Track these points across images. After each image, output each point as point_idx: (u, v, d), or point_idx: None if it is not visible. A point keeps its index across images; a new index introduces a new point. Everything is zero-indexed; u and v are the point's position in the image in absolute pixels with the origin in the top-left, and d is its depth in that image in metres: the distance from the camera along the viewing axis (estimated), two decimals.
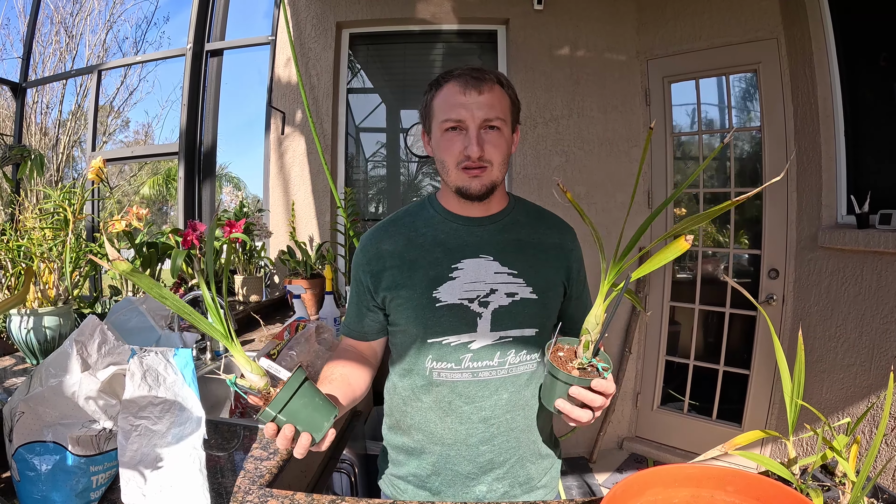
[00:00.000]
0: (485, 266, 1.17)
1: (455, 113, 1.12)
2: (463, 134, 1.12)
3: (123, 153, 5.66)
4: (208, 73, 3.60)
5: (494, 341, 1.15)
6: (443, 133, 1.15)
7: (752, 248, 3.05)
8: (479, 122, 1.11)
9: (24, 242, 1.61)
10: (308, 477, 1.43)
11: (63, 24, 10.95)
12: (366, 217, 3.52)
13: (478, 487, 1.19)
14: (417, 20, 3.35)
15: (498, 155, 1.14)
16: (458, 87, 1.12)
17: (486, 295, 1.15)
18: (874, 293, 2.28)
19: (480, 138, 1.11)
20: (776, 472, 0.79)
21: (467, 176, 1.13)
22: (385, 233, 1.25)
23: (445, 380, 1.16)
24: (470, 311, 1.14)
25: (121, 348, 1.01)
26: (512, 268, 1.18)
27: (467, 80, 1.12)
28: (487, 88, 1.12)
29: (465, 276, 1.16)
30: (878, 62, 2.33)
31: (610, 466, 3.26)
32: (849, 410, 2.38)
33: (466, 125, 1.11)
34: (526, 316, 1.17)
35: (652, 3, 3.18)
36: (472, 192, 1.14)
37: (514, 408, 1.18)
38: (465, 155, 1.12)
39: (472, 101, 1.11)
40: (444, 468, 1.20)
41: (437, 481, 1.21)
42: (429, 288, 1.15)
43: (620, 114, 3.27)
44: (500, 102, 1.14)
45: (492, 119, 1.11)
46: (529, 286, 1.17)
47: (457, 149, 1.13)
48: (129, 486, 0.91)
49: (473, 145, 1.10)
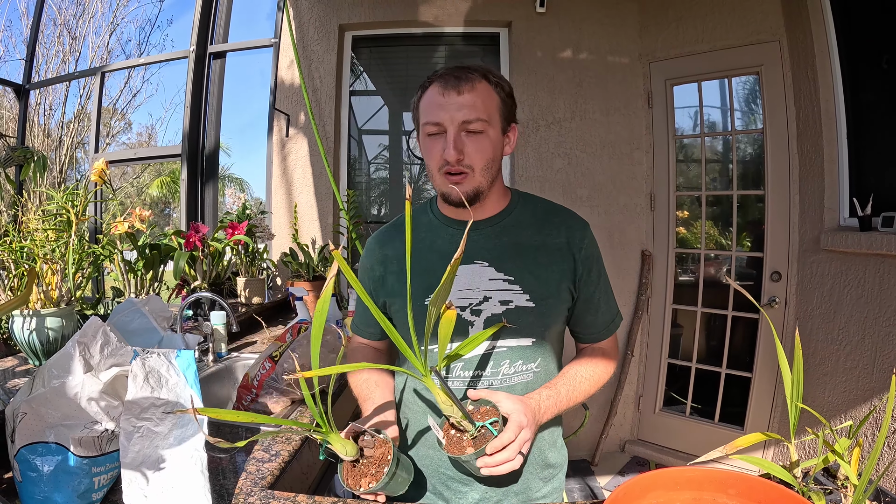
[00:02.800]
0: (479, 273, 1.12)
1: (434, 115, 1.07)
2: (442, 137, 1.07)
3: (126, 155, 5.67)
4: (211, 75, 3.61)
5: (487, 351, 1.11)
6: (425, 137, 1.11)
7: (755, 250, 3.04)
8: (457, 124, 1.05)
9: (26, 244, 1.61)
10: (309, 479, 1.43)
11: (66, 27, 10.99)
12: (368, 219, 3.53)
13: (471, 494, 1.16)
14: (420, 23, 3.36)
15: (480, 159, 1.08)
16: (439, 89, 1.07)
17: (478, 303, 1.11)
18: (877, 296, 2.27)
19: (459, 141, 1.06)
20: (778, 475, 0.79)
21: (448, 181, 1.09)
22: (387, 236, 1.23)
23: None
24: (461, 319, 1.10)
25: (123, 350, 1.02)
26: (508, 274, 1.12)
27: (448, 79, 1.06)
28: (468, 88, 1.06)
29: (457, 284, 1.11)
30: (881, 64, 2.32)
31: (612, 469, 3.25)
32: (851, 413, 2.37)
33: (445, 128, 1.06)
34: (522, 325, 1.11)
35: (654, 6, 3.18)
36: (451, 197, 1.10)
37: None
38: (444, 159, 1.07)
39: (450, 103, 1.05)
40: (436, 472, 1.18)
41: (431, 484, 1.20)
42: (423, 295, 1.12)
43: (623, 116, 3.27)
44: (485, 102, 1.07)
45: (471, 121, 1.06)
46: (526, 293, 1.12)
47: (437, 153, 1.08)
48: (130, 488, 0.91)
49: (450, 149, 1.05)
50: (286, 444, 1.30)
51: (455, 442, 0.94)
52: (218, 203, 3.71)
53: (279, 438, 1.33)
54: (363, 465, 0.95)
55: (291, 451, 1.27)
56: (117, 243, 2.21)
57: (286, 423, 0.82)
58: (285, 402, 1.55)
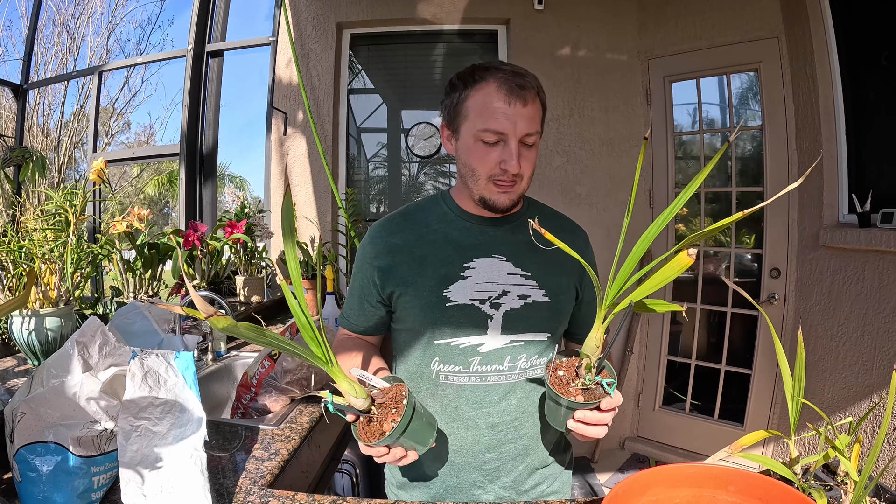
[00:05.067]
0: (497, 266, 1.13)
1: (497, 124, 1.04)
2: (500, 146, 1.05)
3: (125, 154, 5.67)
4: (209, 74, 3.61)
5: (505, 345, 1.11)
6: (476, 140, 1.07)
7: (754, 247, 3.05)
8: (520, 135, 1.04)
9: (25, 244, 1.61)
10: (309, 477, 1.43)
11: (65, 26, 10.97)
12: (367, 217, 3.52)
13: (484, 497, 1.16)
14: (418, 20, 3.35)
15: (529, 168, 1.09)
16: (502, 94, 1.03)
17: (497, 296, 1.11)
18: (876, 292, 2.27)
19: (520, 153, 1.05)
20: (778, 472, 0.79)
21: (497, 189, 1.08)
22: (396, 226, 1.20)
23: (452, 383, 1.12)
24: (481, 312, 1.10)
25: (122, 349, 1.01)
26: (525, 269, 1.13)
27: (511, 87, 1.03)
28: (531, 99, 1.05)
29: (476, 276, 1.11)
30: (880, 61, 2.32)
31: (612, 466, 3.26)
32: (851, 410, 2.38)
33: (507, 138, 1.04)
34: (538, 319, 1.13)
35: (653, 3, 3.18)
36: (499, 205, 1.09)
37: (523, 414, 1.15)
38: (501, 168, 1.05)
39: (515, 113, 1.03)
40: (448, 476, 1.17)
41: (442, 489, 1.18)
42: (439, 286, 1.11)
43: (621, 113, 3.26)
44: (539, 114, 1.08)
45: (532, 133, 1.06)
46: (542, 289, 1.13)
47: (492, 160, 1.06)
48: (129, 487, 0.91)
49: (514, 160, 1.04)
50: (286, 442, 1.30)
51: (561, 385, 0.92)
52: (217, 202, 3.70)
53: (279, 437, 1.33)
54: (379, 413, 0.89)
55: (291, 449, 1.27)
56: (116, 243, 2.21)
57: (289, 346, 0.78)
58: (284, 400, 1.55)
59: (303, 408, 1.54)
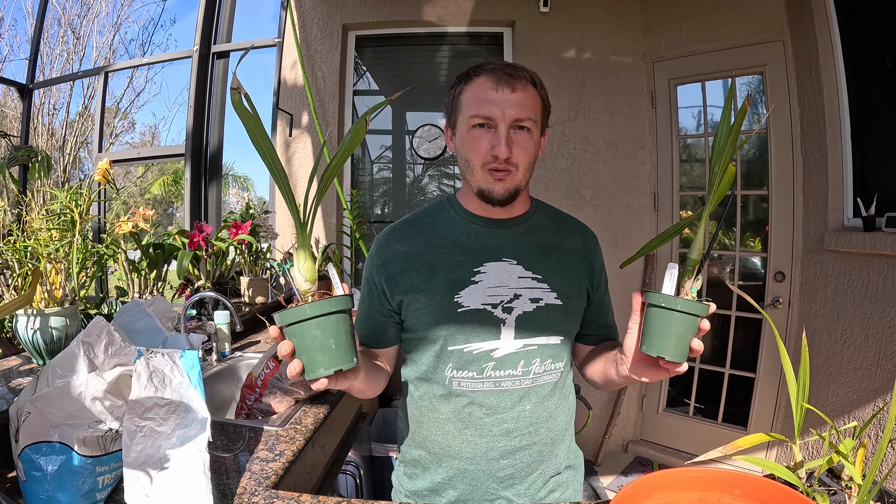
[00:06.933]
0: (508, 270, 1.11)
1: (485, 109, 1.04)
2: (491, 132, 1.05)
3: (130, 155, 5.69)
4: (215, 74, 3.62)
5: (518, 349, 1.10)
6: (469, 130, 1.07)
7: (759, 250, 3.04)
8: (509, 120, 1.04)
9: (30, 243, 1.62)
10: (313, 479, 1.44)
11: (70, 26, 11.02)
12: (371, 219, 3.53)
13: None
14: (423, 22, 3.36)
15: (525, 158, 1.07)
16: (490, 83, 1.05)
17: (509, 300, 1.10)
18: (880, 296, 2.27)
19: (510, 138, 1.04)
20: (782, 476, 0.79)
21: (492, 178, 1.06)
22: (403, 233, 1.18)
23: (465, 389, 1.11)
24: (493, 316, 1.09)
25: (127, 349, 1.02)
26: (536, 272, 1.12)
27: (500, 75, 1.05)
28: (521, 86, 1.05)
29: (487, 280, 1.10)
30: (885, 64, 2.32)
31: (615, 469, 3.25)
32: (855, 414, 2.37)
33: (496, 123, 1.04)
34: (551, 322, 1.11)
35: (657, 6, 3.17)
36: (494, 195, 1.07)
37: (537, 420, 1.13)
38: (492, 155, 1.05)
39: (503, 98, 1.03)
40: (461, 484, 1.15)
41: (454, 497, 1.16)
42: (450, 292, 1.09)
43: (626, 116, 3.26)
44: (533, 103, 1.07)
45: (523, 119, 1.04)
46: (554, 291, 1.12)
47: (483, 148, 1.06)
48: (132, 487, 0.91)
49: (502, 145, 1.03)
50: (290, 443, 1.30)
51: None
52: (221, 202, 3.71)
53: (283, 438, 1.33)
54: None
55: (295, 450, 1.28)
56: (121, 243, 2.21)
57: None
58: (289, 401, 1.55)
59: (307, 409, 1.54)
